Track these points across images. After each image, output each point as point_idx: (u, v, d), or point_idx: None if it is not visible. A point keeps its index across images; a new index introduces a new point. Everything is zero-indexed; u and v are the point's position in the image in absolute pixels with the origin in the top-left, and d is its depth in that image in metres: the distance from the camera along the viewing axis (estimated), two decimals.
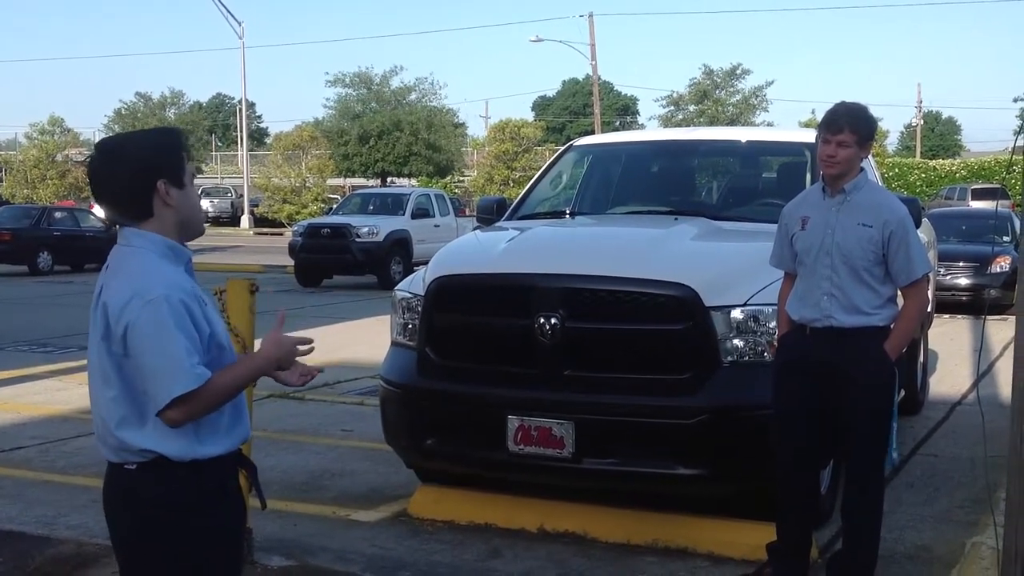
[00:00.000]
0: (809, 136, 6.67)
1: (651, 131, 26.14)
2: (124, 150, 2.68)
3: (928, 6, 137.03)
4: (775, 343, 4.76)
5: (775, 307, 4.76)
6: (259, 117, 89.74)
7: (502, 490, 5.60)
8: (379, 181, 49.72)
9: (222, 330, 2.68)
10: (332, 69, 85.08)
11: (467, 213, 28.26)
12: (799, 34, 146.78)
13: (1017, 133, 4.34)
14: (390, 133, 48.04)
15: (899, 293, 4.50)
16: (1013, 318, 4.12)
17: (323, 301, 17.96)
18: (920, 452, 7.22)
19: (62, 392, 9.35)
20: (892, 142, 63.49)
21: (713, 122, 51.86)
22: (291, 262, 21.35)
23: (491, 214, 7.13)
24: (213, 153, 66.92)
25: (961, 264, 15.46)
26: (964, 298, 15.20)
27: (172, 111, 65.24)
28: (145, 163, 2.62)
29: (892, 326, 4.42)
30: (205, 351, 2.57)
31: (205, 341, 2.58)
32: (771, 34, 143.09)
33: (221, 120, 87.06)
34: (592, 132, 42.62)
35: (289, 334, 2.73)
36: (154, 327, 2.48)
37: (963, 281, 15.40)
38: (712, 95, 55.86)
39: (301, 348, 2.70)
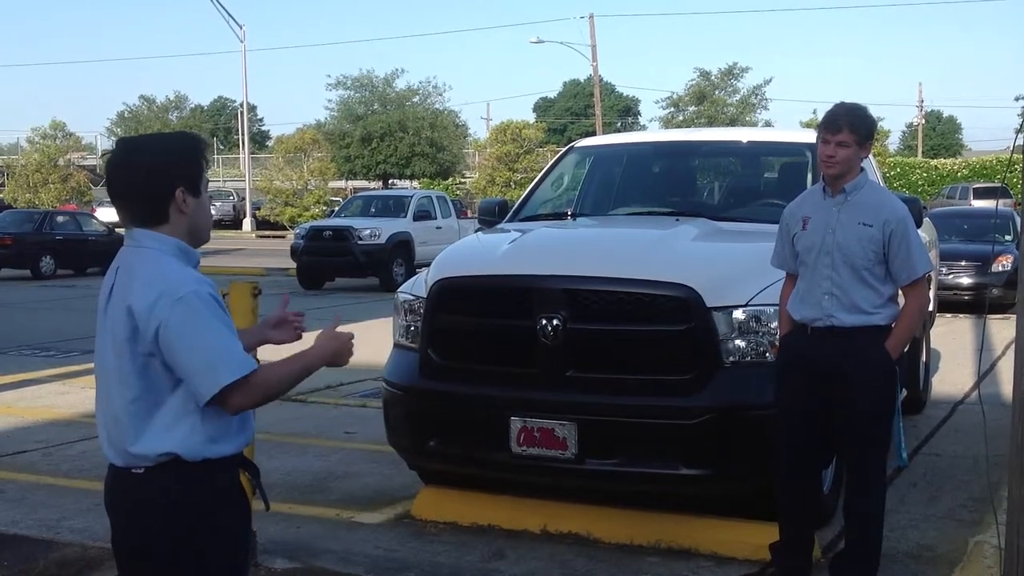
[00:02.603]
0: (810, 136, 6.67)
1: (652, 132, 26.14)
2: (144, 153, 2.69)
3: (929, 5, 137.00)
4: (777, 343, 4.77)
5: (776, 307, 4.77)
6: (261, 120, 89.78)
7: (505, 491, 5.61)
8: (381, 183, 49.75)
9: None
10: (333, 72, 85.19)
11: (469, 215, 28.28)
12: (800, 34, 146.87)
13: (1018, 131, 4.34)
14: (393, 134, 48.09)
15: (900, 292, 4.51)
16: (1015, 317, 4.13)
17: (325, 303, 17.96)
18: (923, 451, 7.22)
19: (65, 396, 9.36)
20: (893, 141, 63.37)
21: (712, 123, 51.82)
22: (293, 265, 21.40)
23: (493, 216, 7.14)
24: (215, 156, 66.94)
25: (963, 263, 15.45)
26: (966, 297, 15.20)
27: (174, 115, 65.33)
28: (164, 168, 2.63)
29: (893, 325, 4.43)
30: None
31: None
32: (772, 34, 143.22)
33: (223, 123, 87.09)
34: (593, 133, 42.66)
35: (342, 329, 2.83)
36: (192, 322, 2.51)
37: (965, 280, 15.40)
38: (710, 96, 55.80)
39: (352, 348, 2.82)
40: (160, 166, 2.63)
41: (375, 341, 7.59)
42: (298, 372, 2.72)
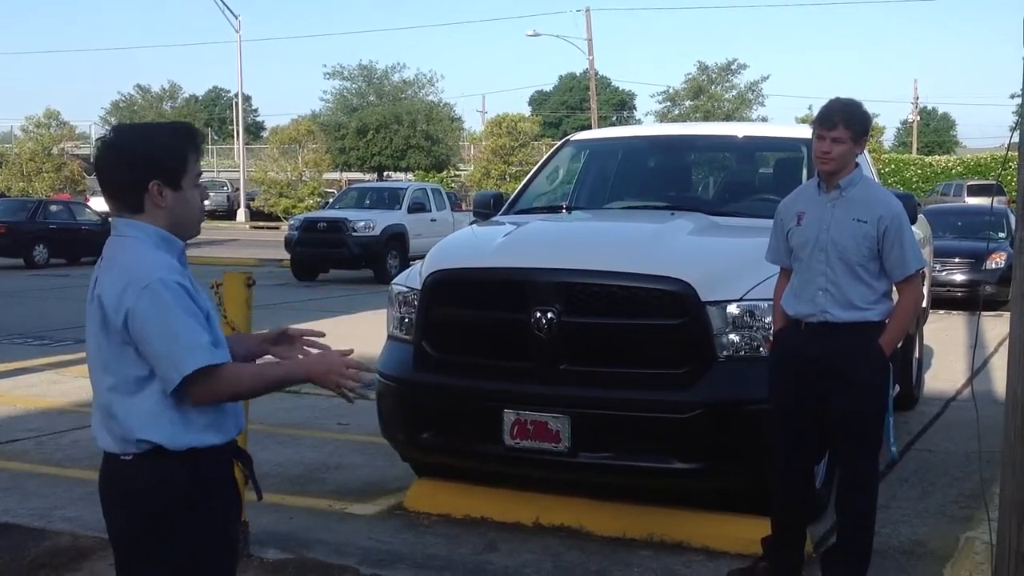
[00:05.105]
0: (805, 132, 6.65)
1: (648, 126, 26.14)
2: (129, 141, 2.68)
3: (924, 1, 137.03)
4: (771, 338, 4.77)
5: (771, 302, 4.77)
6: (255, 111, 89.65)
7: (498, 484, 5.61)
8: (376, 175, 49.72)
9: (214, 317, 2.68)
10: (328, 63, 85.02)
11: (463, 208, 28.26)
12: (796, 30, 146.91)
13: (1013, 129, 4.35)
14: (389, 126, 48.04)
15: (894, 288, 4.52)
16: (1008, 314, 4.13)
17: (319, 295, 17.95)
18: (915, 447, 7.24)
19: (58, 385, 9.35)
20: (888, 138, 63.59)
21: (708, 117, 51.82)
22: (287, 256, 21.37)
23: (488, 208, 7.13)
24: (209, 147, 66.78)
25: (957, 260, 15.49)
26: (959, 294, 15.23)
27: (169, 104, 65.23)
28: (143, 159, 2.61)
29: (887, 321, 4.44)
30: None
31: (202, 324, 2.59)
32: (769, 29, 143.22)
33: (217, 114, 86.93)
34: (589, 127, 42.63)
35: (346, 357, 2.69)
36: (156, 311, 2.49)
37: (959, 277, 15.43)
38: (707, 90, 55.87)
39: (348, 374, 2.65)
40: (137, 157, 2.62)
41: (369, 333, 7.58)
42: (273, 379, 2.66)
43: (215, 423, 2.64)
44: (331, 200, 28.12)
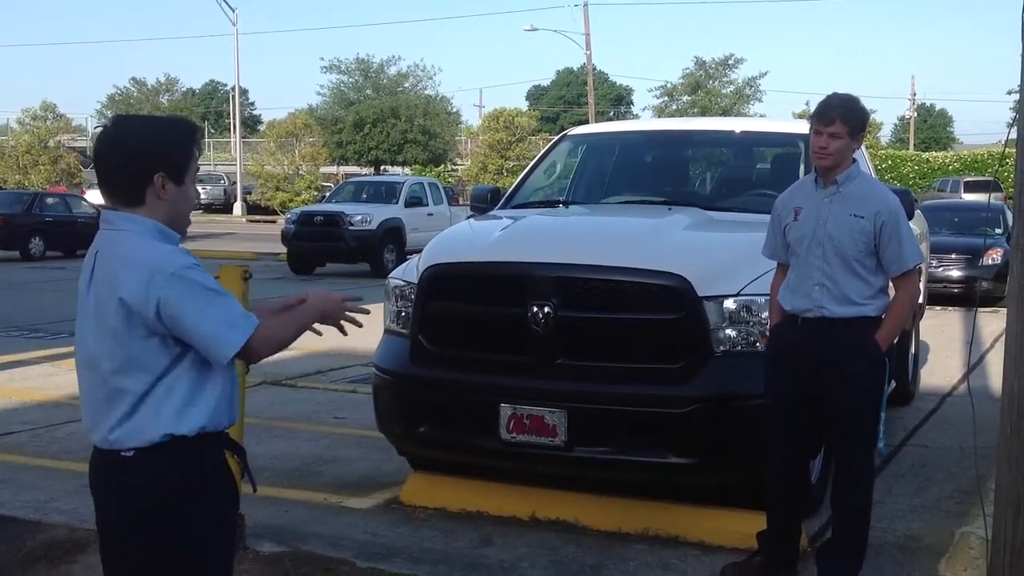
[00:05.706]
0: (803, 127, 6.65)
1: (645, 121, 26.11)
2: (131, 133, 2.67)
3: None
4: (767, 333, 4.77)
5: (767, 297, 4.77)
6: (252, 104, 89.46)
7: (494, 478, 5.61)
8: (372, 169, 49.70)
9: None
10: (325, 56, 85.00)
11: (460, 202, 28.28)
12: (794, 25, 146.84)
13: (1010, 125, 4.35)
14: (386, 120, 48.04)
15: (891, 284, 4.52)
16: (1004, 310, 4.14)
17: (315, 289, 17.91)
18: (911, 443, 7.25)
19: (54, 378, 9.34)
20: (886, 134, 63.67)
21: (706, 113, 51.88)
22: (284, 249, 21.37)
23: (485, 203, 7.12)
24: (206, 140, 66.75)
25: (953, 256, 15.50)
26: (956, 290, 15.25)
27: (165, 97, 65.19)
28: (150, 152, 2.61)
29: (883, 317, 4.44)
30: None
31: None
32: (766, 25, 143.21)
33: (214, 107, 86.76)
34: (586, 122, 42.61)
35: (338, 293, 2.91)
36: (191, 294, 2.52)
37: (955, 273, 15.44)
38: (705, 86, 55.94)
39: (347, 306, 2.89)
40: (143, 148, 2.61)
41: (365, 327, 7.56)
42: (298, 325, 2.77)
43: (218, 409, 2.66)
44: (328, 194, 28.12)
